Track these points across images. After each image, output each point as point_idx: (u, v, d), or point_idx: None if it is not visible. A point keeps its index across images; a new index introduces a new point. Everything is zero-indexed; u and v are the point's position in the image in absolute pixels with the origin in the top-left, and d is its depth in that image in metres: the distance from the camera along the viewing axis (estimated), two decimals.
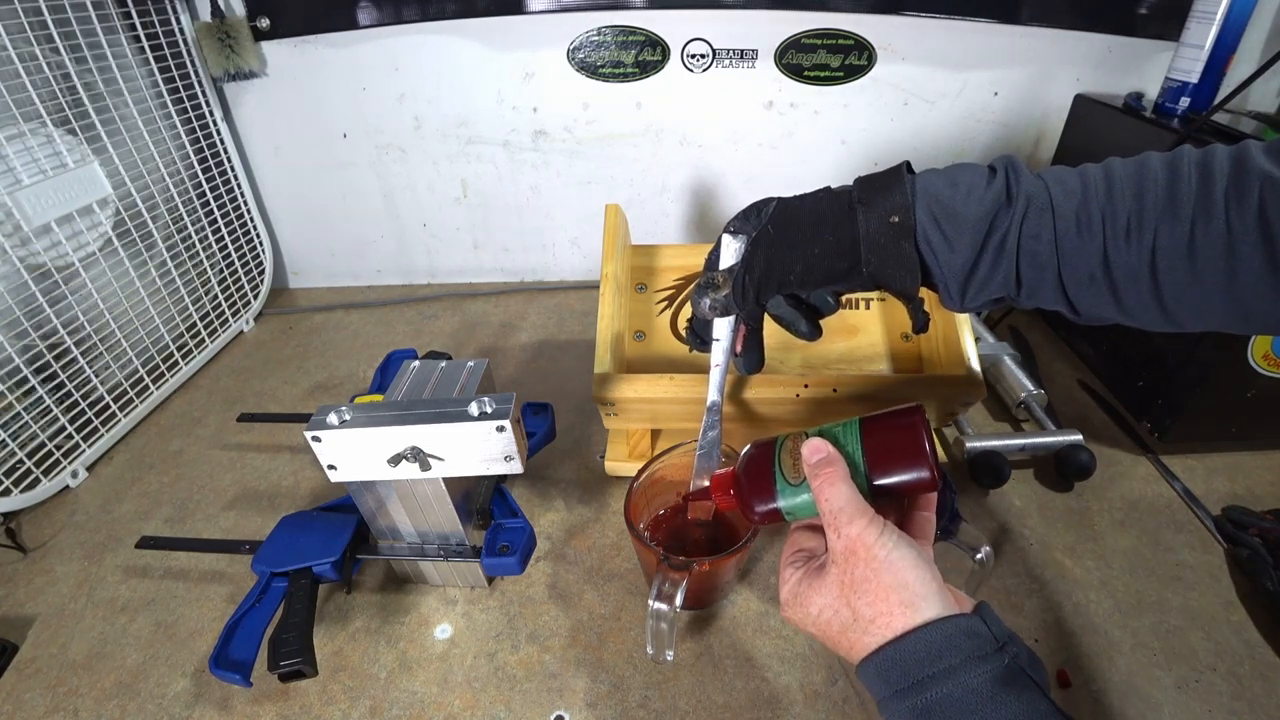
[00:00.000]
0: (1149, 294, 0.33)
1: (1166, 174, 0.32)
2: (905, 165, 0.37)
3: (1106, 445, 0.71)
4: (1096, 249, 0.33)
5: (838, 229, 0.37)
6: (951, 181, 0.35)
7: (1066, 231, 0.33)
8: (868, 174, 0.38)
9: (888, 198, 0.36)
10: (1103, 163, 0.35)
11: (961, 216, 0.34)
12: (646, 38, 0.86)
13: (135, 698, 0.50)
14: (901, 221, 0.35)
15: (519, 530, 0.53)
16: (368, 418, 0.44)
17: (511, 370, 0.86)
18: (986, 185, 0.34)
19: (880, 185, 0.37)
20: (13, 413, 0.65)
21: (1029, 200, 0.33)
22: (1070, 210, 0.33)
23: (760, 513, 0.37)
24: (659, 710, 0.48)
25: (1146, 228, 0.31)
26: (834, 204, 0.38)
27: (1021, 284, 0.35)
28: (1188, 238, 0.31)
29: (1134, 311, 0.34)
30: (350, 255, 1.07)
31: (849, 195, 0.37)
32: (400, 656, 0.52)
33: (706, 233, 1.03)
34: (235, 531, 0.63)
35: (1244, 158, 0.31)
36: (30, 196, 0.65)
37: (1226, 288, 0.31)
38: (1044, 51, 0.87)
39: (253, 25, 0.84)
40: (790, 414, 0.61)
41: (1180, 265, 0.31)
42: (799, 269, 0.38)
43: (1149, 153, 0.34)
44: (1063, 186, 0.34)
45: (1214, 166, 0.31)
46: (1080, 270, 0.33)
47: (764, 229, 0.39)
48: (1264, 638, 0.52)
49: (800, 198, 0.40)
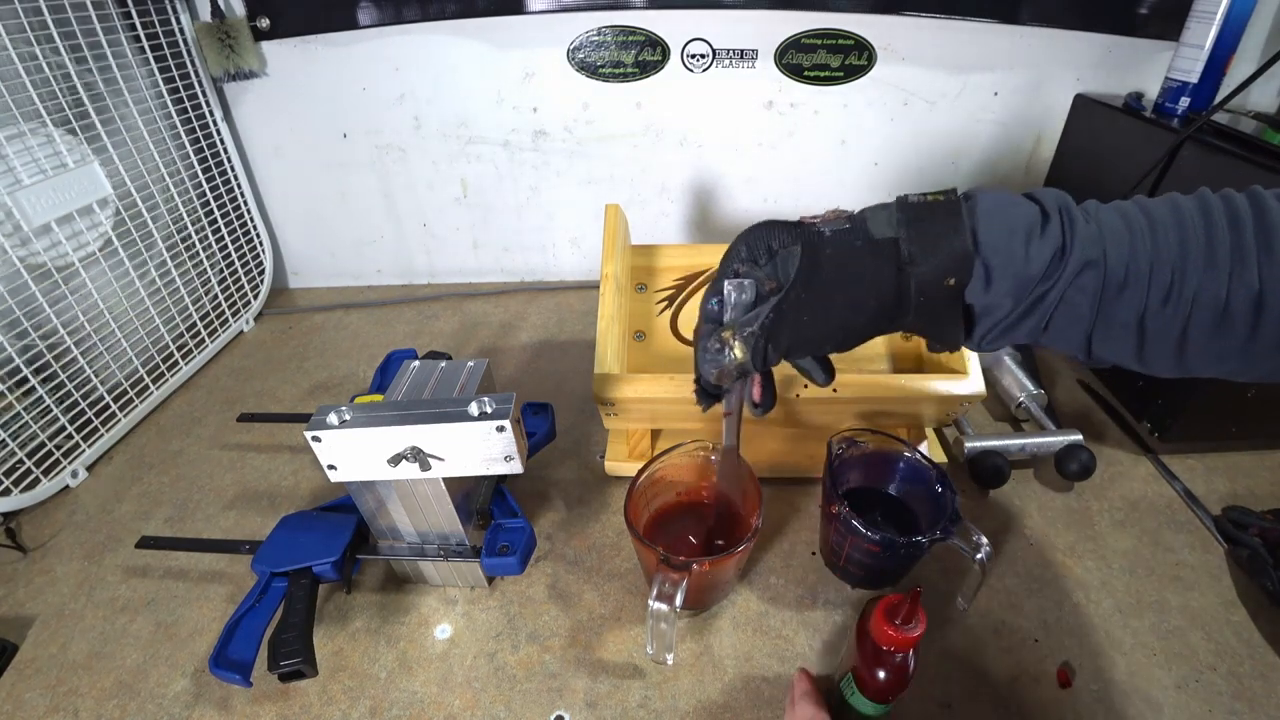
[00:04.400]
0: (1174, 344, 0.31)
1: (1202, 219, 0.30)
2: (959, 201, 0.32)
3: (1106, 445, 0.71)
4: (1138, 302, 0.31)
5: (882, 291, 0.32)
6: (1008, 228, 0.31)
7: (1112, 285, 0.31)
8: (914, 206, 0.32)
9: (944, 253, 0.31)
10: (1134, 200, 0.33)
11: (1014, 274, 0.31)
12: (646, 38, 0.86)
13: (135, 698, 0.50)
14: (958, 282, 0.31)
15: (519, 530, 0.53)
16: (368, 418, 0.44)
17: (511, 370, 0.86)
18: (1041, 234, 0.31)
19: (933, 236, 0.31)
20: (13, 413, 0.65)
21: (1084, 255, 0.31)
22: (1120, 263, 0.31)
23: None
24: (659, 710, 0.48)
25: (1190, 279, 0.30)
26: (877, 261, 0.32)
27: (1048, 330, 0.33)
28: (1226, 288, 0.29)
29: (1151, 360, 0.33)
30: (350, 255, 1.07)
31: (896, 250, 0.32)
32: (400, 656, 0.52)
33: (706, 233, 1.03)
34: (235, 531, 0.63)
35: (1261, 203, 0.30)
36: (30, 196, 0.65)
37: (1250, 339, 0.30)
38: (1044, 51, 0.87)
39: (253, 25, 0.84)
40: (790, 413, 0.61)
41: (1211, 317, 0.30)
42: (836, 340, 0.34)
43: (1174, 194, 0.32)
44: (1114, 235, 0.31)
45: (1240, 212, 0.30)
46: (1115, 321, 0.32)
47: (790, 293, 0.33)
48: (1264, 638, 0.52)
49: (831, 244, 0.33)
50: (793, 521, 0.62)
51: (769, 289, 0.34)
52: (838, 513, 0.50)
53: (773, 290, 0.34)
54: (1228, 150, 0.64)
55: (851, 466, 0.57)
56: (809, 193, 1.00)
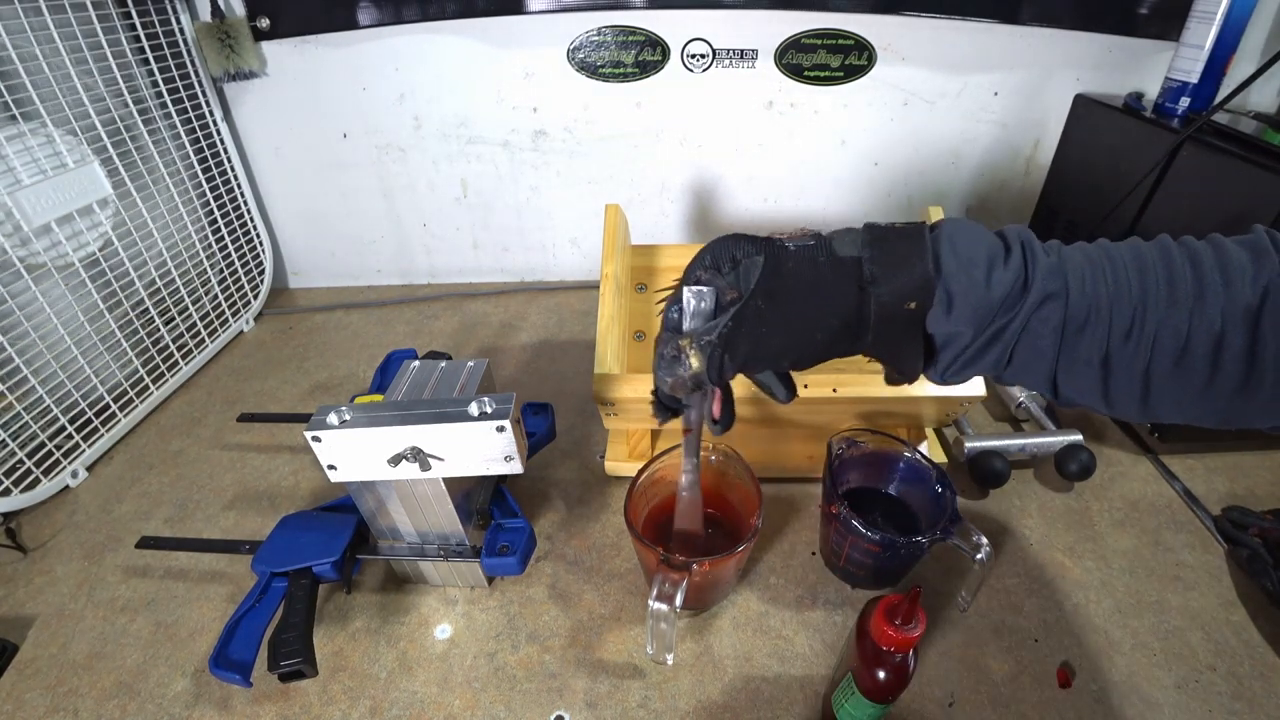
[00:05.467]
0: (1139, 384, 0.32)
1: (1162, 259, 0.31)
2: (924, 228, 0.33)
3: (1106, 445, 0.71)
4: (1100, 338, 0.31)
5: (842, 309, 0.32)
6: (969, 259, 0.31)
7: (1074, 319, 0.31)
8: (880, 228, 0.33)
9: (905, 275, 0.31)
10: (1095, 242, 0.33)
11: (974, 302, 0.31)
12: (646, 38, 0.86)
13: (135, 698, 0.50)
14: (919, 306, 0.31)
15: (519, 530, 0.53)
16: (368, 418, 0.44)
17: (511, 370, 0.86)
18: (1004, 264, 0.31)
19: (896, 258, 0.32)
20: (13, 413, 0.65)
21: (1045, 287, 0.31)
22: (1081, 296, 0.31)
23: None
24: (659, 710, 0.48)
25: (1151, 316, 0.30)
26: (838, 278, 0.32)
27: (1011, 364, 0.33)
28: (1187, 325, 0.30)
29: (1117, 400, 0.33)
30: (350, 255, 1.07)
31: (858, 269, 0.32)
32: (400, 656, 0.52)
33: (706, 233, 1.03)
34: (235, 531, 0.63)
35: (1220, 245, 0.31)
36: (30, 196, 0.65)
37: (1210, 381, 0.30)
38: (1044, 51, 0.87)
39: (253, 25, 0.84)
40: (790, 413, 0.61)
41: (1173, 356, 0.30)
42: (793, 355, 0.34)
43: (1135, 238, 0.33)
44: (1075, 269, 0.31)
45: (1199, 252, 0.31)
46: (1078, 358, 0.32)
47: (750, 302, 0.33)
48: (1264, 638, 0.52)
49: (795, 258, 0.33)
50: (793, 521, 0.62)
51: (730, 298, 0.34)
52: (838, 513, 0.50)
53: (733, 300, 0.34)
54: (1228, 150, 0.64)
55: (851, 466, 0.57)
56: (809, 193, 1.00)
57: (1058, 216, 0.92)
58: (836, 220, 1.00)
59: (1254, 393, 0.30)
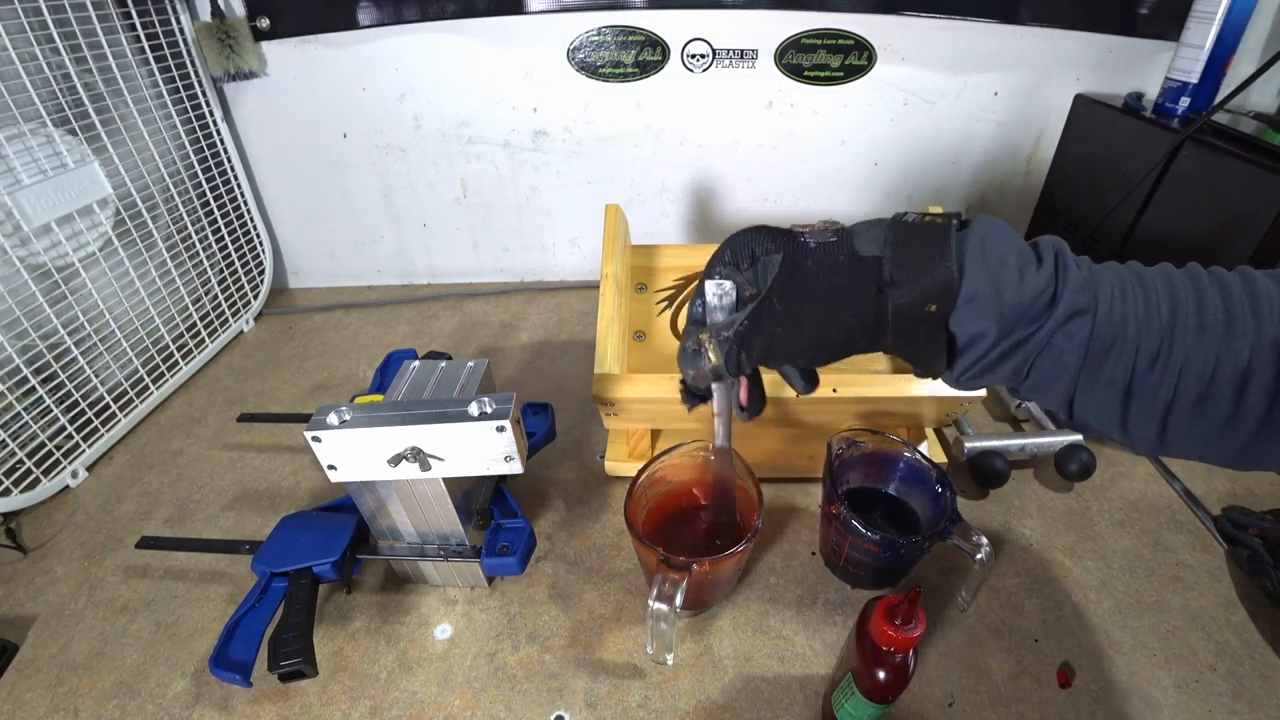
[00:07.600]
0: (1159, 415, 0.31)
1: (1193, 285, 0.30)
2: (950, 227, 0.31)
3: (1106, 445, 0.71)
4: (1126, 362, 0.30)
5: (860, 310, 0.32)
6: (999, 258, 0.30)
7: (1101, 339, 0.30)
8: (905, 225, 0.32)
9: (927, 277, 0.30)
10: (1127, 264, 0.32)
11: (1001, 303, 0.30)
12: (646, 38, 0.86)
13: (135, 698, 0.50)
14: (940, 310, 0.31)
15: (519, 530, 0.53)
16: (368, 418, 0.44)
17: (511, 370, 0.86)
18: (1036, 269, 0.30)
19: (919, 258, 0.31)
20: (13, 413, 0.65)
21: (1075, 302, 0.30)
22: (1110, 316, 0.30)
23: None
24: (659, 710, 0.48)
25: (1179, 344, 0.30)
26: (856, 278, 0.32)
27: (1030, 377, 0.32)
28: (1214, 357, 0.29)
29: (1134, 429, 0.32)
30: (350, 255, 1.07)
31: (878, 270, 0.31)
32: (400, 656, 0.52)
33: (706, 233, 1.03)
34: (235, 531, 0.63)
35: (1249, 275, 0.30)
36: (30, 196, 0.65)
37: (1232, 417, 0.30)
38: (1044, 52, 0.87)
39: (253, 25, 0.84)
40: (789, 414, 0.61)
41: (1198, 388, 0.30)
42: (810, 353, 0.34)
43: (1165, 264, 0.32)
44: (1106, 287, 0.31)
45: (1228, 282, 0.30)
46: (1100, 380, 0.31)
47: (767, 300, 0.33)
48: (1264, 638, 0.52)
49: (814, 256, 0.32)
50: (793, 521, 0.62)
51: (748, 294, 0.34)
52: (838, 513, 0.50)
53: (751, 296, 0.34)
54: (1228, 150, 0.64)
55: (851, 466, 0.57)
56: (809, 193, 1.00)
57: (1058, 216, 0.92)
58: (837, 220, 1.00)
59: (1276, 432, 0.29)
